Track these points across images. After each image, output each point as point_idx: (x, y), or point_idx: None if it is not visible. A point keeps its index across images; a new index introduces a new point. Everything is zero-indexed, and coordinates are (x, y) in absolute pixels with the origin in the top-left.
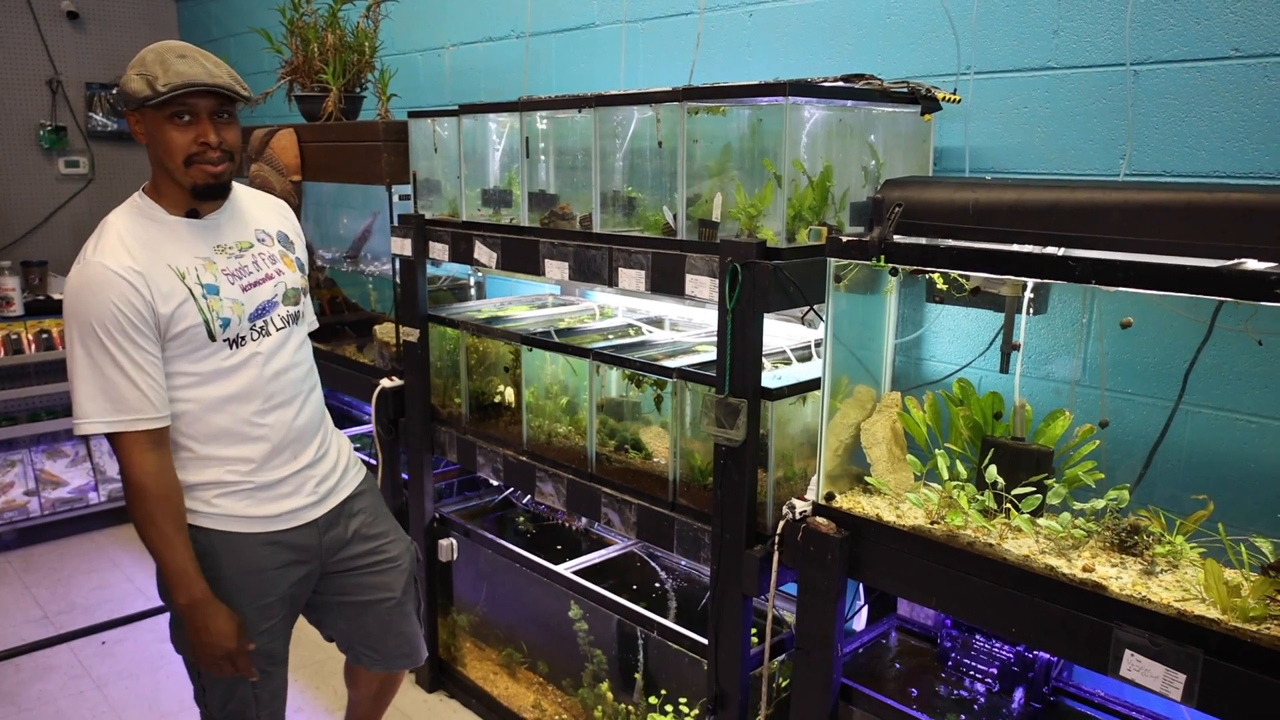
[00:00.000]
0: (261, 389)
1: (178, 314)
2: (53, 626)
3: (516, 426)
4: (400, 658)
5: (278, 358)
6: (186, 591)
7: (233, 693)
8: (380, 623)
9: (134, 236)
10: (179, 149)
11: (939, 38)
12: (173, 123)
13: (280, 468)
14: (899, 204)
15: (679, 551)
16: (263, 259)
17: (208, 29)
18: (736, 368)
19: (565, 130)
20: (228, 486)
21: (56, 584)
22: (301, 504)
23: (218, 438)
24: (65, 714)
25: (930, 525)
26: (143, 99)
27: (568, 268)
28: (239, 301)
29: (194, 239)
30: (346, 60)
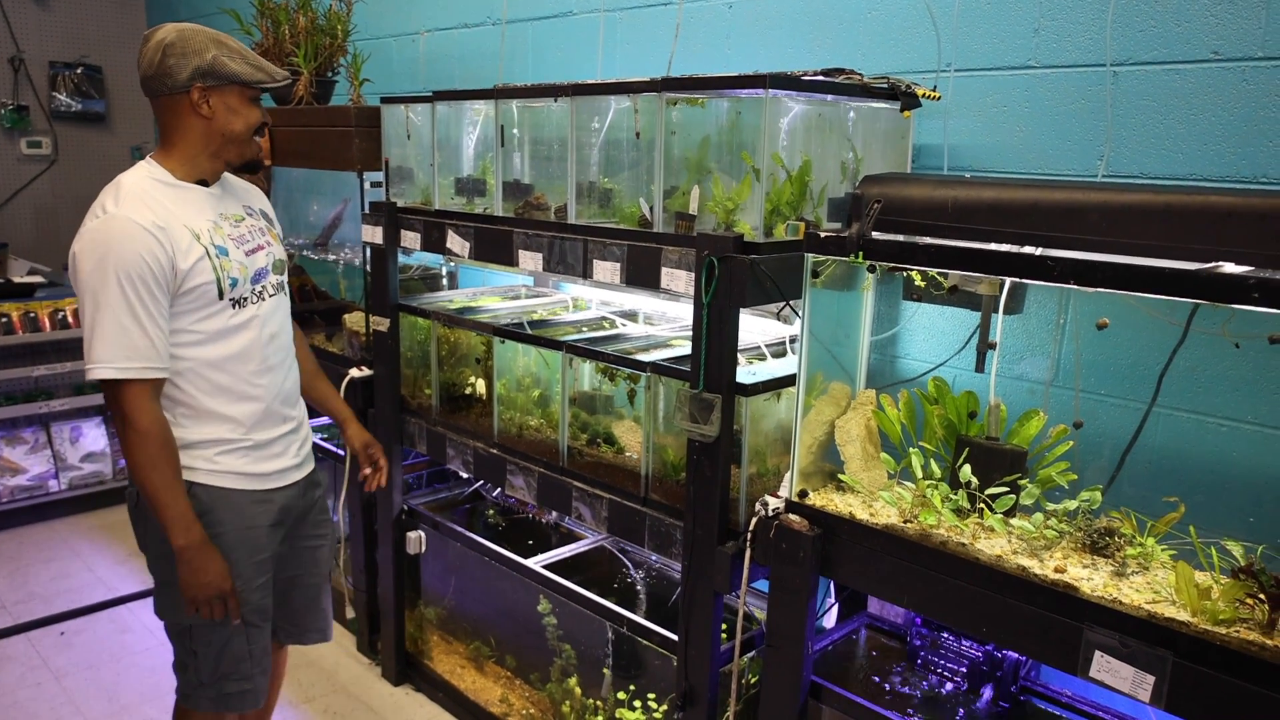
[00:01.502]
0: (259, 350)
1: (194, 270)
2: (10, 616)
3: (487, 419)
4: (314, 632)
5: (272, 321)
6: (185, 534)
7: (225, 652)
8: (306, 598)
9: (150, 196)
10: (254, 124)
11: (920, 34)
12: (252, 104)
13: (272, 428)
14: (878, 200)
15: (650, 547)
16: (254, 230)
17: (175, 10)
18: (711, 363)
19: (541, 119)
20: (228, 444)
21: (14, 573)
22: (289, 464)
23: (217, 395)
24: (22, 705)
25: (903, 524)
26: (253, 81)
27: (542, 259)
28: (244, 264)
29: (204, 205)
30: (319, 43)
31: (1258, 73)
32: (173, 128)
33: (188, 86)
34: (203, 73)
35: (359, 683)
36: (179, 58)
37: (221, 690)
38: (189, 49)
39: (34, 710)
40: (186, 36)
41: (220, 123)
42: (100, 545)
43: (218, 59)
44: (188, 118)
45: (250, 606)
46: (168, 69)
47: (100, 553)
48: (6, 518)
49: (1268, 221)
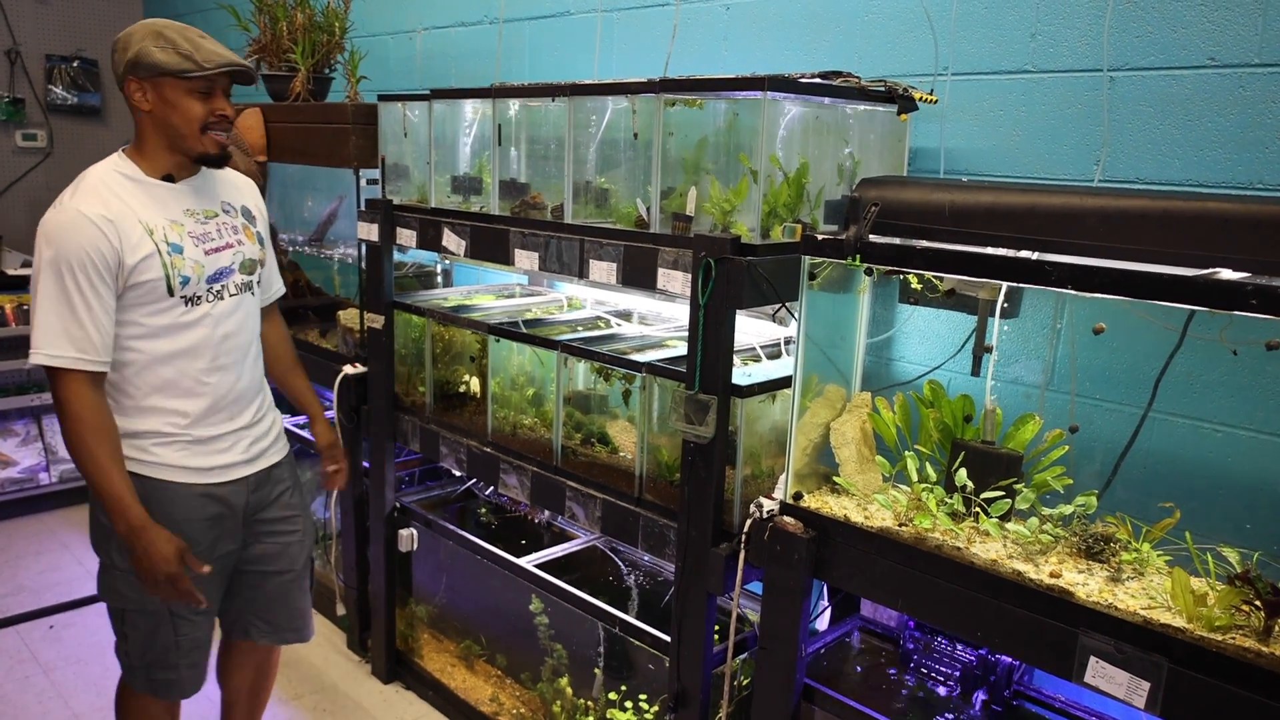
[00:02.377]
0: (211, 348)
1: (142, 265)
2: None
3: (481, 417)
4: (290, 631)
5: (228, 321)
6: (124, 518)
7: (153, 639)
8: (281, 595)
9: (110, 190)
10: (198, 118)
11: (917, 38)
12: (194, 95)
13: (217, 425)
14: (875, 203)
15: (644, 548)
16: (225, 228)
17: (172, 4)
18: (707, 364)
19: (538, 119)
20: (165, 437)
21: (4, 566)
22: (235, 460)
23: (160, 390)
24: (10, 698)
25: (898, 527)
26: (179, 71)
27: (538, 258)
28: (200, 263)
29: (167, 201)
30: (316, 40)
31: (1254, 79)
32: (134, 122)
33: (124, 80)
34: (132, 65)
35: (349, 680)
36: (120, 53)
37: (150, 675)
38: (129, 43)
39: (22, 703)
40: (130, 32)
41: (159, 115)
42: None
43: (144, 50)
44: (136, 111)
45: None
46: (114, 64)
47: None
48: None
49: (1265, 228)
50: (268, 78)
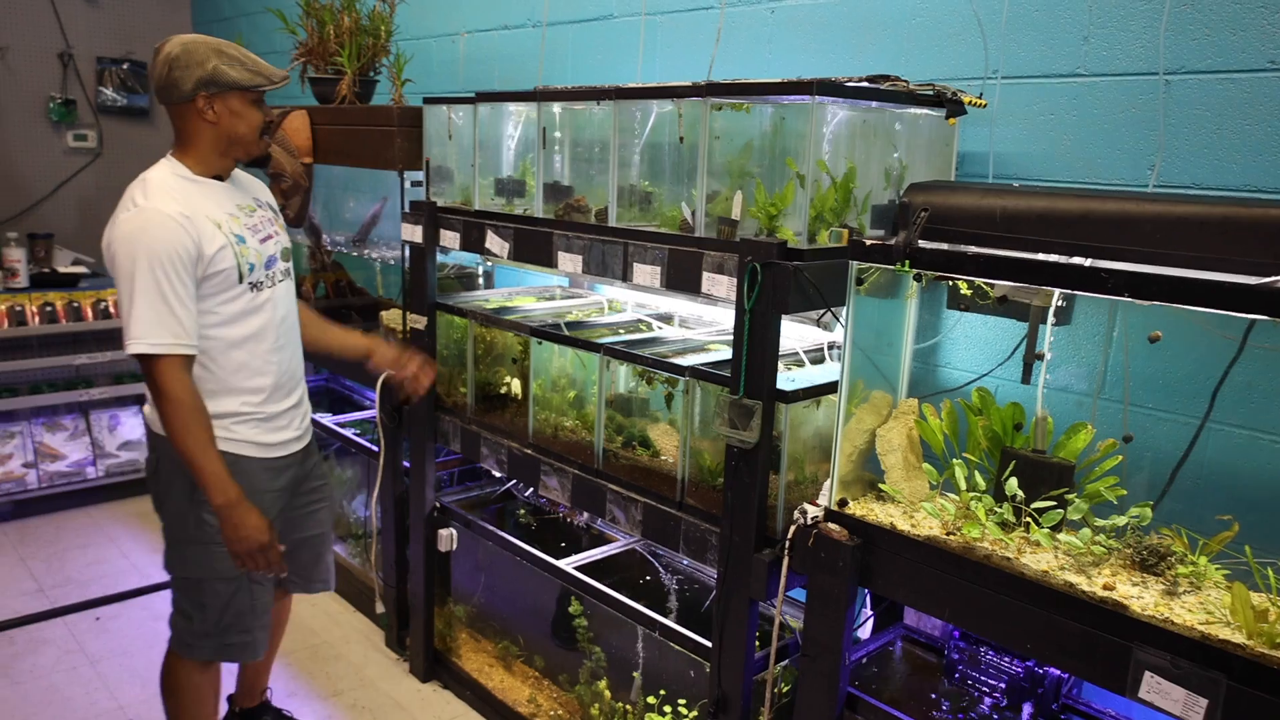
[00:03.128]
0: (273, 330)
1: (217, 256)
2: (47, 600)
3: (522, 419)
4: (320, 582)
5: (283, 304)
6: (223, 492)
7: (230, 605)
8: (314, 553)
9: (175, 189)
10: (258, 125)
11: (965, 40)
12: (255, 106)
13: (280, 402)
14: (924, 208)
15: (685, 552)
16: (264, 220)
17: (219, 8)
18: (752, 369)
19: (582, 122)
20: (242, 416)
21: (52, 557)
22: (292, 435)
23: (236, 372)
24: (59, 689)
25: (946, 536)
26: (252, 85)
27: (581, 261)
28: (259, 251)
29: (221, 197)
30: (361, 43)
31: None
32: (186, 131)
33: (193, 96)
34: (205, 82)
35: (387, 678)
36: (183, 70)
37: (224, 641)
38: (192, 60)
39: (69, 694)
40: (190, 49)
41: (226, 126)
42: (136, 532)
43: (218, 68)
44: (197, 123)
45: None
46: (174, 81)
47: (135, 540)
48: (45, 503)
49: None
50: (314, 80)
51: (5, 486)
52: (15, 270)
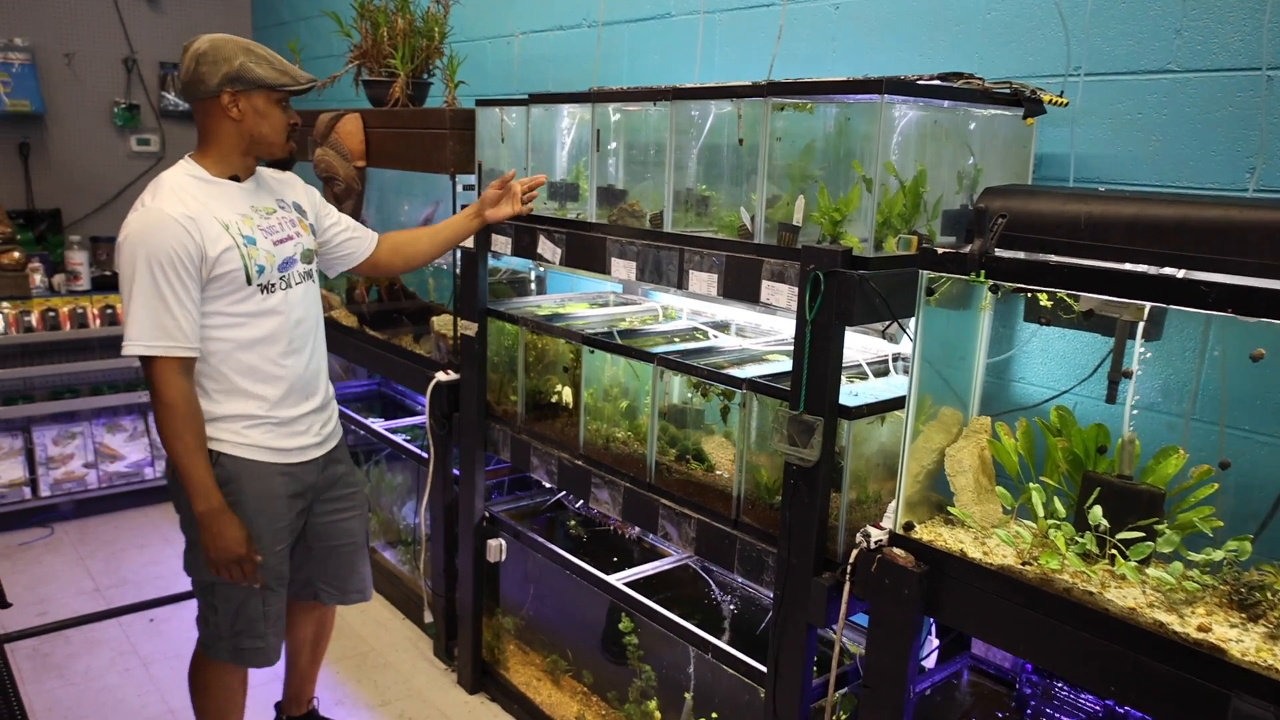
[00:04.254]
0: (286, 333)
1: (223, 258)
2: (103, 600)
3: (573, 428)
4: (355, 593)
5: (298, 308)
6: (205, 499)
7: (243, 611)
8: (346, 563)
9: (185, 190)
10: (284, 127)
11: (1045, 36)
12: (280, 106)
13: (295, 407)
14: (1002, 214)
15: (740, 573)
16: (285, 222)
17: (279, 12)
18: (813, 383)
19: (637, 123)
20: (254, 419)
21: (109, 557)
22: (310, 442)
23: (246, 374)
24: (111, 690)
25: (1021, 566)
26: (278, 84)
27: (635, 267)
28: (271, 253)
29: (236, 198)
30: (415, 45)
31: None
32: (208, 129)
33: (218, 91)
34: (231, 78)
35: (435, 688)
36: (210, 65)
37: (238, 645)
38: (219, 57)
39: (121, 695)
40: (218, 45)
41: (249, 125)
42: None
43: (244, 65)
44: (220, 120)
45: (267, 571)
46: (200, 76)
47: None
48: (105, 503)
49: None
50: (368, 83)
51: (66, 486)
52: (77, 273)
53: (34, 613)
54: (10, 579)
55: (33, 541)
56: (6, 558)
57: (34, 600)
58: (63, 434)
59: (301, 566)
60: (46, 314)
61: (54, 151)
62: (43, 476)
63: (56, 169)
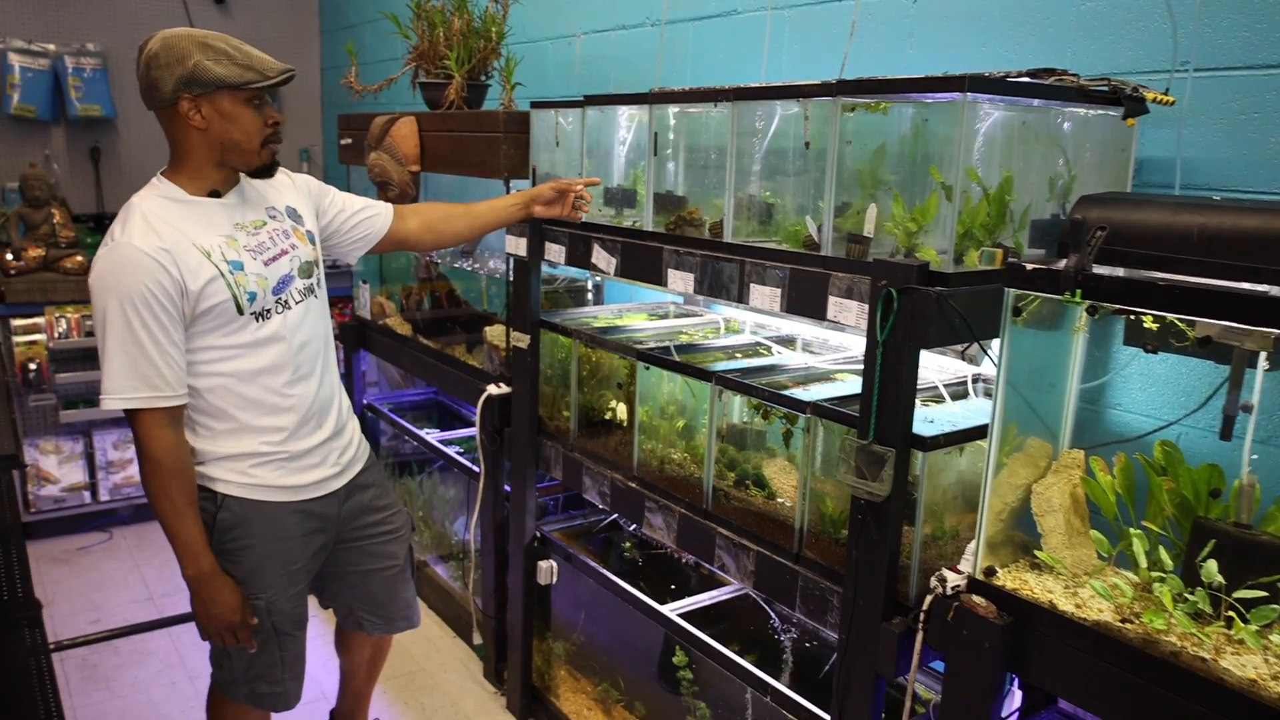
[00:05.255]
0: (290, 360)
1: (207, 290)
2: (155, 609)
3: (627, 448)
4: (401, 620)
5: (301, 330)
6: (195, 564)
7: (258, 656)
8: (386, 589)
9: (159, 218)
10: (258, 130)
11: (1145, 27)
12: (251, 106)
13: (307, 438)
14: (1102, 226)
15: (802, 611)
16: (277, 234)
17: (345, 15)
18: (884, 410)
19: (698, 126)
20: (263, 457)
21: (165, 563)
22: (327, 474)
23: (249, 409)
24: (156, 704)
25: (1120, 623)
26: (242, 83)
27: (693, 279)
28: (262, 276)
29: (217, 218)
30: (472, 46)
31: None
32: (174, 141)
33: (175, 99)
34: (186, 81)
35: (483, 713)
36: (162, 69)
37: (254, 689)
38: (172, 58)
39: (166, 711)
40: (170, 44)
41: (217, 132)
42: None
43: (199, 65)
44: (185, 130)
45: (284, 616)
46: (154, 82)
47: None
48: None
49: None
50: (424, 85)
51: (126, 491)
52: None
53: (87, 620)
54: (66, 584)
55: (91, 546)
56: (65, 562)
57: (88, 607)
58: (123, 438)
59: (338, 596)
60: None
61: (125, 156)
62: (102, 481)
63: (127, 173)
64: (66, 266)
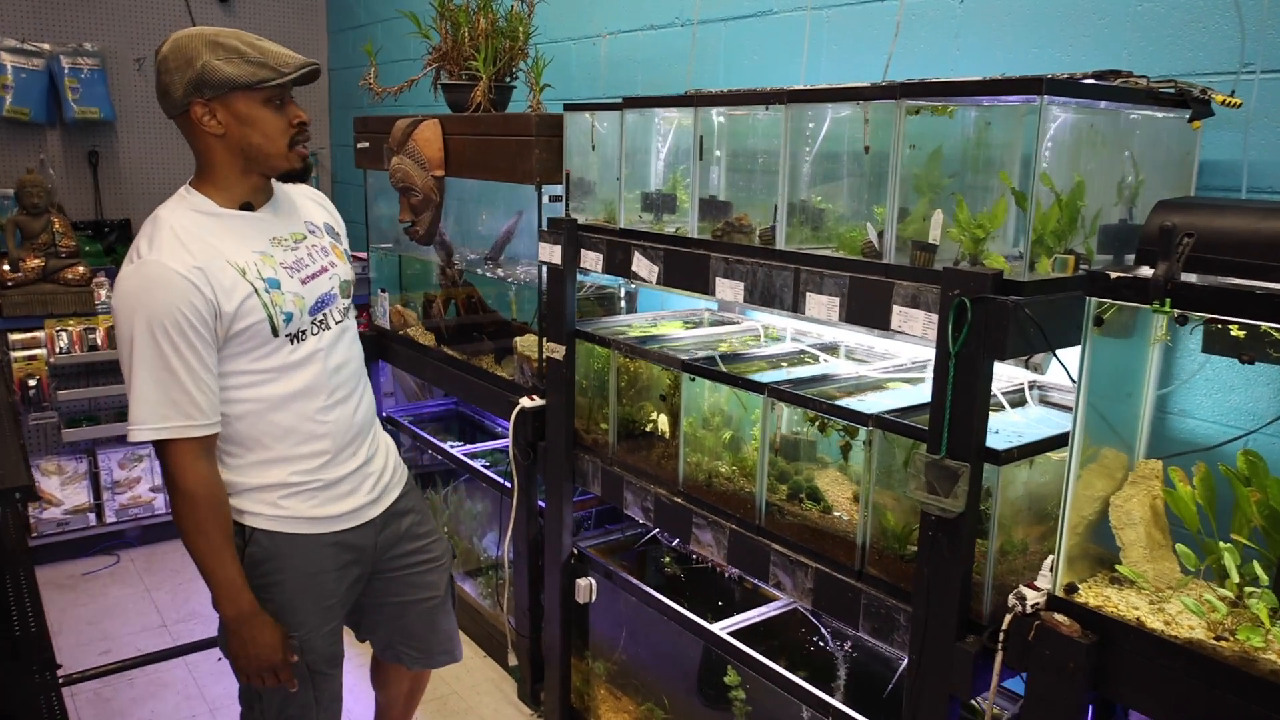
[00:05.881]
0: (325, 384)
1: (241, 310)
2: (170, 636)
3: (670, 461)
4: (442, 654)
5: (337, 352)
6: (234, 604)
7: (292, 699)
8: (425, 621)
9: (189, 233)
10: (281, 132)
11: (1206, 29)
12: (270, 106)
13: (342, 465)
14: (1189, 233)
15: (866, 631)
16: (316, 251)
17: (355, 14)
18: (957, 424)
19: (742, 129)
20: (294, 488)
21: (178, 587)
22: (362, 503)
23: (283, 438)
24: None
25: (1214, 641)
26: (255, 82)
27: (743, 288)
28: (300, 295)
29: (251, 232)
30: (498, 46)
31: None
32: (196, 150)
33: (187, 104)
34: (196, 84)
35: None
36: (172, 73)
37: None
38: (181, 60)
39: None
40: (180, 46)
41: (236, 137)
42: None
43: (209, 66)
44: (203, 137)
45: (317, 655)
46: (166, 88)
47: None
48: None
49: None
50: (447, 87)
51: (133, 511)
52: None
53: (97, 650)
54: (74, 612)
55: (98, 571)
56: (71, 589)
57: (98, 637)
58: (129, 456)
59: (375, 628)
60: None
61: (124, 160)
62: (108, 502)
63: (126, 178)
64: (67, 277)
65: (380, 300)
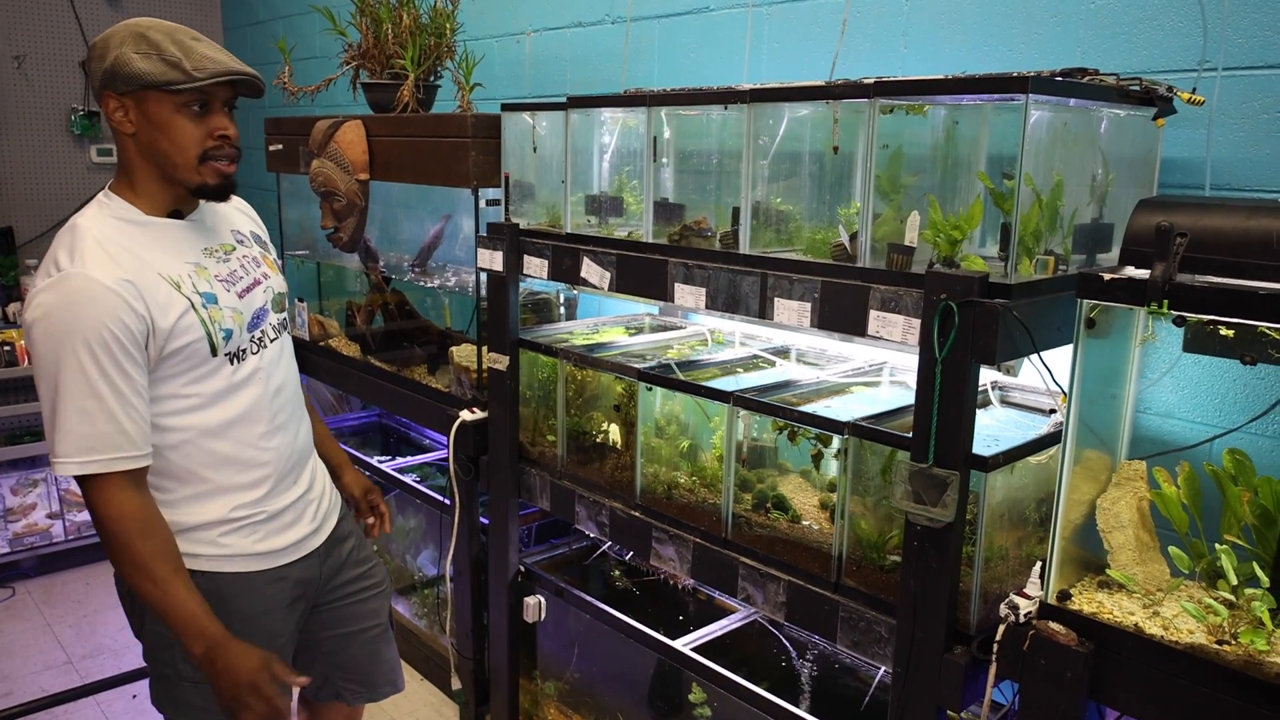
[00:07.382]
0: (266, 407)
1: (178, 327)
2: (77, 674)
3: (624, 473)
4: (386, 685)
5: (276, 372)
6: (201, 638)
7: None
8: (369, 652)
9: (115, 243)
10: (194, 142)
11: (1165, 25)
12: (186, 112)
13: (284, 495)
14: (1183, 233)
15: (846, 644)
16: (248, 262)
17: (253, 10)
18: (944, 431)
19: (693, 129)
20: (235, 523)
21: (81, 620)
22: (305, 533)
23: (221, 467)
24: None
25: (1215, 645)
26: (164, 82)
27: (705, 294)
28: (238, 310)
29: (181, 242)
30: (424, 44)
31: None
32: (118, 150)
33: (101, 95)
34: (109, 76)
35: None
36: (94, 60)
37: None
38: (102, 48)
39: None
40: (110, 33)
41: (145, 139)
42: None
43: (120, 58)
44: (118, 135)
45: None
46: (90, 74)
47: None
48: (73, 556)
49: None
50: (368, 86)
51: (29, 540)
52: None
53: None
54: None
55: None
56: None
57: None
58: (23, 481)
59: (312, 665)
60: (1, 348)
61: (4, 165)
62: (1, 531)
63: (7, 184)
64: None
65: (299, 310)
